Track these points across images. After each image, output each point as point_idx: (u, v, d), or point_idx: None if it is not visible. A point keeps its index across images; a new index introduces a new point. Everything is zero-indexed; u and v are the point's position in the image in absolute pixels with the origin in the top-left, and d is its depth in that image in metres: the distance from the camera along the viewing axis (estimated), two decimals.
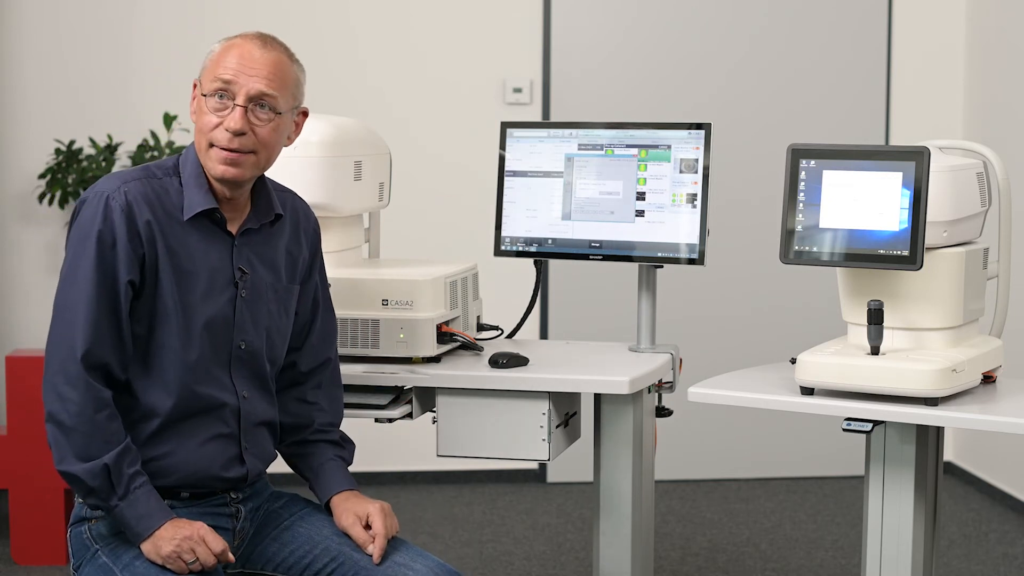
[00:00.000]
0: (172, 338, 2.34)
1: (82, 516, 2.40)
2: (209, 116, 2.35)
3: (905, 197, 2.54)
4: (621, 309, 4.39)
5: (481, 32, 5.11)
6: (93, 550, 2.36)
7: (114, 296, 2.29)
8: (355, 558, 2.42)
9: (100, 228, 2.29)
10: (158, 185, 2.36)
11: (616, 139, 2.96)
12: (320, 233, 2.63)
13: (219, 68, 2.35)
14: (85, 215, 2.31)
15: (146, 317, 2.33)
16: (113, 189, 2.31)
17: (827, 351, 2.63)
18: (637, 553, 2.86)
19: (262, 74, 2.35)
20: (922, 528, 2.67)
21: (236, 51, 2.36)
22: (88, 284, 2.27)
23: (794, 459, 5.26)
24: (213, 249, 2.39)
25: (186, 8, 5.00)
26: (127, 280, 2.29)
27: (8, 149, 4.97)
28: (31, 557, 4.19)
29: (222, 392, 2.40)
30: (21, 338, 4.97)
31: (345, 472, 2.56)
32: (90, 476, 2.26)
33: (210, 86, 2.35)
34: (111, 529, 2.37)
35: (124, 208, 2.30)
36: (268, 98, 2.36)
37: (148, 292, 2.33)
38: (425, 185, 5.07)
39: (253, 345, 2.45)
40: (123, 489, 2.26)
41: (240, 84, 2.34)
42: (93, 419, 2.25)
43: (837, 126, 5.14)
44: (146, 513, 2.28)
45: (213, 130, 2.35)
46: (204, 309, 2.37)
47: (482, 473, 5.21)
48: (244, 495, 2.48)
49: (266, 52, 2.37)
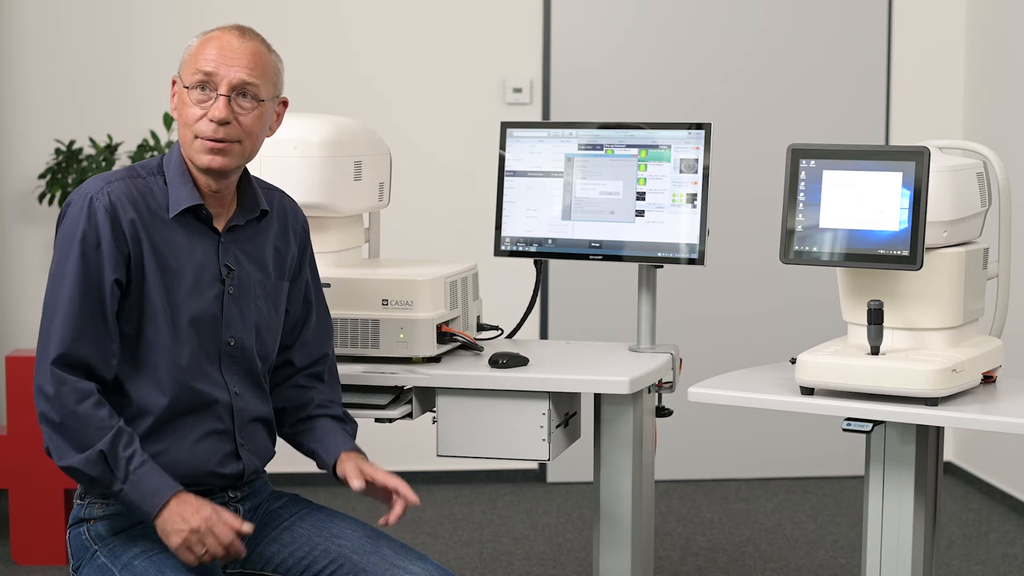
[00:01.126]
0: (161, 336, 2.34)
1: (81, 517, 2.40)
2: (192, 108, 2.37)
3: (905, 197, 2.54)
4: (621, 309, 4.39)
5: (481, 32, 5.11)
6: (92, 551, 2.37)
7: (99, 296, 2.29)
8: (354, 560, 2.42)
9: (84, 228, 2.30)
10: (142, 184, 2.38)
11: (616, 139, 2.96)
12: (308, 230, 2.63)
13: (199, 60, 2.37)
14: (70, 216, 2.33)
15: (134, 316, 2.34)
16: (96, 190, 2.33)
17: (827, 351, 2.63)
18: (637, 553, 2.86)
19: (242, 63, 2.37)
20: (922, 528, 2.67)
21: (215, 43, 2.38)
22: (71, 285, 2.29)
23: (794, 459, 5.26)
24: (199, 246, 2.40)
25: (186, 8, 5.00)
26: (113, 279, 2.30)
27: (8, 149, 4.97)
28: (31, 557, 4.19)
29: (214, 388, 2.41)
30: (21, 338, 4.97)
31: (351, 440, 2.55)
32: (89, 466, 2.25)
33: (191, 78, 2.37)
34: (110, 529, 2.37)
35: (108, 208, 2.31)
36: (250, 86, 2.38)
37: (135, 291, 2.34)
38: (425, 185, 5.07)
39: (243, 342, 2.45)
40: (123, 472, 2.26)
41: (221, 75, 2.36)
42: (77, 411, 2.25)
43: (837, 126, 5.14)
44: (150, 491, 2.27)
45: (197, 122, 2.36)
46: (190, 306, 2.37)
47: (482, 473, 5.21)
48: (243, 494, 2.48)
49: (244, 42, 2.39)
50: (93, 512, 2.39)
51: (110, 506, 2.37)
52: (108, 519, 2.38)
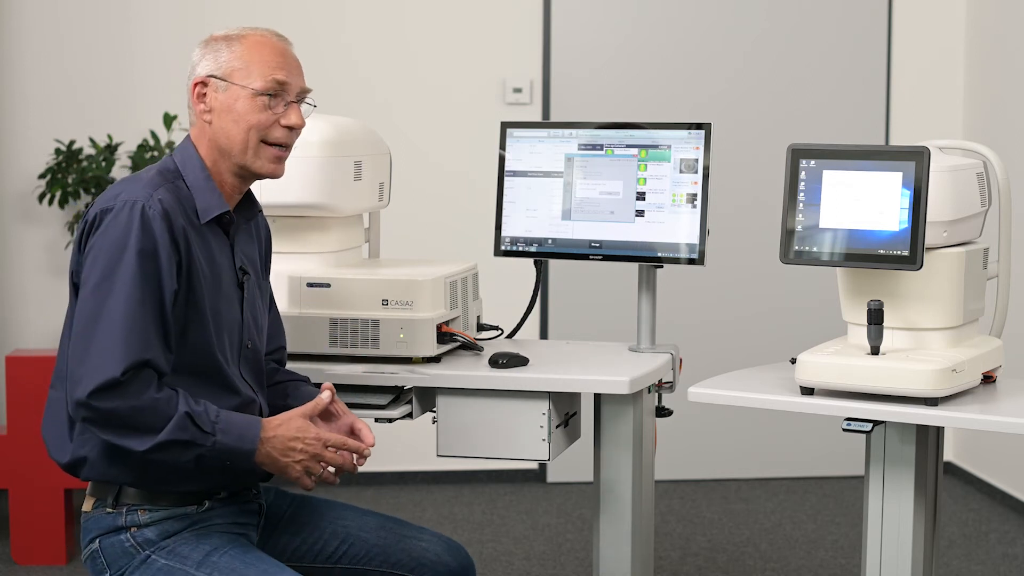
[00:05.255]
0: (209, 342, 2.33)
1: (119, 525, 2.34)
2: (264, 113, 2.36)
3: (905, 197, 2.54)
4: (621, 309, 4.39)
5: (481, 32, 5.11)
6: (143, 556, 2.32)
7: (159, 306, 2.25)
8: (363, 536, 2.50)
9: (139, 237, 2.24)
10: (176, 190, 2.35)
11: (616, 139, 2.96)
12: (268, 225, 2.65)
13: (265, 67, 2.37)
14: (117, 225, 2.25)
15: (188, 324, 2.31)
16: (146, 197, 2.27)
17: (827, 351, 2.63)
18: (637, 553, 2.86)
19: (301, 70, 2.43)
20: (922, 528, 2.67)
21: (272, 48, 2.39)
22: (129, 295, 2.22)
23: (794, 459, 5.26)
24: (222, 252, 2.40)
25: (186, 8, 5.00)
26: (172, 289, 2.27)
27: (8, 149, 4.97)
28: (31, 557, 4.19)
29: (247, 391, 2.42)
30: (21, 338, 4.97)
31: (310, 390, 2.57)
32: (178, 431, 2.21)
33: (264, 84, 2.36)
34: (160, 534, 2.34)
35: (163, 216, 2.26)
36: (307, 93, 2.44)
37: (184, 298, 2.30)
38: (425, 185, 5.07)
39: (256, 344, 2.47)
40: (210, 424, 2.24)
41: (292, 83, 2.39)
42: (145, 398, 2.21)
43: (837, 126, 5.14)
44: (240, 432, 2.27)
45: (270, 127, 2.37)
46: (227, 312, 2.38)
47: (482, 473, 5.21)
48: (258, 492, 2.52)
49: (291, 48, 2.44)
50: (137, 519, 2.34)
51: (157, 511, 2.35)
52: (156, 524, 2.35)
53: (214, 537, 2.35)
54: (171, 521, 2.35)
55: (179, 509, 2.36)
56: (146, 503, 2.34)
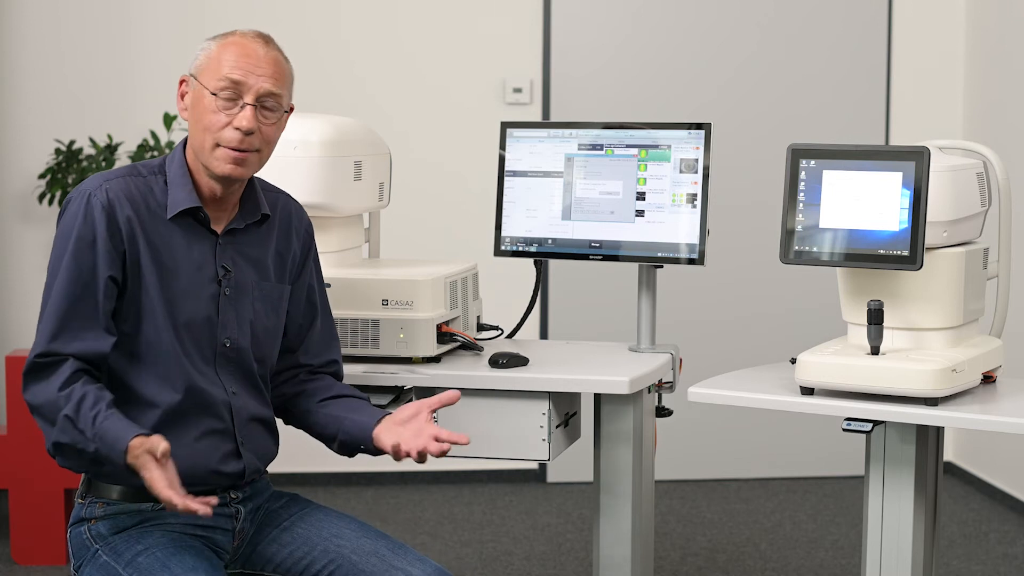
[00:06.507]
0: (160, 334, 2.35)
1: (82, 516, 2.40)
2: (217, 115, 2.36)
3: (905, 197, 2.54)
4: (621, 309, 4.39)
5: (481, 32, 5.11)
6: (93, 550, 2.37)
7: (91, 293, 2.30)
8: (353, 560, 2.42)
9: (80, 225, 2.31)
10: (142, 183, 2.38)
11: (616, 139, 2.96)
12: (313, 234, 2.62)
13: (224, 67, 2.36)
14: (68, 213, 2.34)
15: (132, 314, 2.34)
16: (95, 187, 2.34)
17: (827, 351, 2.63)
18: (637, 553, 2.86)
19: (268, 73, 2.37)
20: (922, 528, 2.67)
21: (238, 49, 2.37)
22: (63, 281, 2.29)
23: (794, 459, 5.26)
24: (196, 247, 2.40)
25: (186, 8, 5.00)
26: (107, 276, 2.30)
27: (8, 149, 4.97)
28: (31, 557, 4.19)
29: (212, 387, 2.41)
30: (21, 338, 4.97)
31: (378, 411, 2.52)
32: (61, 432, 2.24)
33: (216, 84, 2.35)
34: (111, 529, 2.37)
35: (105, 205, 2.32)
36: (275, 97, 2.39)
37: (132, 289, 2.34)
38: (425, 185, 5.07)
39: (238, 343, 2.45)
40: (91, 430, 2.22)
41: (249, 84, 2.36)
42: (53, 392, 2.25)
43: (837, 126, 5.14)
44: (114, 439, 2.21)
45: (221, 129, 2.36)
46: (186, 305, 2.38)
47: (482, 473, 5.21)
48: (244, 495, 2.48)
49: (268, 51, 2.39)
50: (94, 512, 2.39)
51: (111, 505, 2.38)
52: (109, 518, 2.38)
53: (154, 536, 2.34)
54: (124, 516, 2.37)
55: (132, 504, 2.36)
56: (103, 496, 2.37)
